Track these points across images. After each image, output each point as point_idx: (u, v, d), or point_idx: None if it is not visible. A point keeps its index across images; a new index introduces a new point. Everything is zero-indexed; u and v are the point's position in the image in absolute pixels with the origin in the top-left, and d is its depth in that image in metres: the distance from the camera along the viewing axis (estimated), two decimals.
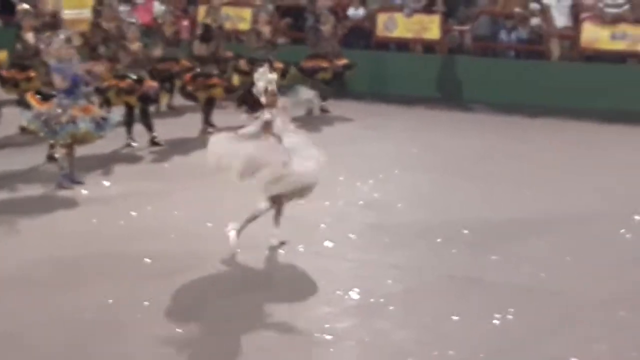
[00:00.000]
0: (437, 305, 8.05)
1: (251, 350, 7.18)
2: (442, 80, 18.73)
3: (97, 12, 17.04)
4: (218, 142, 9.28)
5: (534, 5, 18.17)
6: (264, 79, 9.32)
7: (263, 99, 9.26)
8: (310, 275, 8.72)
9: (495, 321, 7.63)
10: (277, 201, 9.30)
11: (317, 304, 8.02)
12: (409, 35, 19.15)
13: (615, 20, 17.19)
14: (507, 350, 7.23)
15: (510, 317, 7.71)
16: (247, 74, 15.98)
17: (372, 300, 8.11)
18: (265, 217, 9.29)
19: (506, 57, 18.92)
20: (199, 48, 15.05)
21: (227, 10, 19.90)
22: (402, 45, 19.46)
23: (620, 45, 17.28)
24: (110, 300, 8.02)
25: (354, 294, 8.23)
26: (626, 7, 17.29)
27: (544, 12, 17.97)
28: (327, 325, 7.53)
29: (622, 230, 9.98)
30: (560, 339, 7.38)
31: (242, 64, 16.02)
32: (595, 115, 16.21)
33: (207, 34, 15.17)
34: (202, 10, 19.12)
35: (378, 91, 18.60)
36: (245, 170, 9.02)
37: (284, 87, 16.91)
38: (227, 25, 18.75)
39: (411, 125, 15.93)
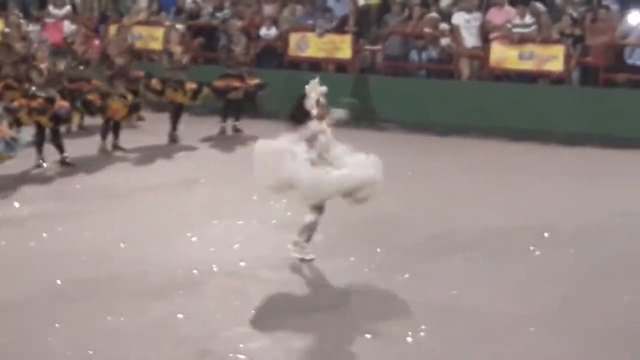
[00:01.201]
0: (348, 324, 8.07)
1: None
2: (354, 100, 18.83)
3: (4, 34, 16.81)
4: (265, 150, 9.55)
5: (444, 26, 18.40)
6: (316, 91, 9.61)
7: (314, 111, 9.54)
8: (223, 296, 8.69)
9: (408, 339, 7.68)
10: (320, 209, 9.52)
11: (230, 324, 7.99)
12: (321, 55, 19.26)
13: (523, 40, 17.51)
14: None
15: (422, 334, 7.76)
16: (160, 93, 16.02)
17: (287, 319, 8.11)
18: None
19: (417, 76, 19.13)
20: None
21: (138, 30, 19.83)
22: (314, 64, 19.55)
23: (528, 65, 17.60)
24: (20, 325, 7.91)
25: (268, 314, 8.22)
26: (533, 27, 17.63)
27: (454, 32, 18.22)
28: (241, 345, 7.51)
29: (532, 247, 10.13)
30: (473, 355, 7.46)
31: (154, 83, 15.96)
32: (504, 134, 16.47)
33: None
34: (112, 30, 19.00)
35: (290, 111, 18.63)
36: (280, 187, 9.48)
37: (196, 107, 17.11)
38: (139, 45, 18.68)
39: None
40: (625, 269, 9.54)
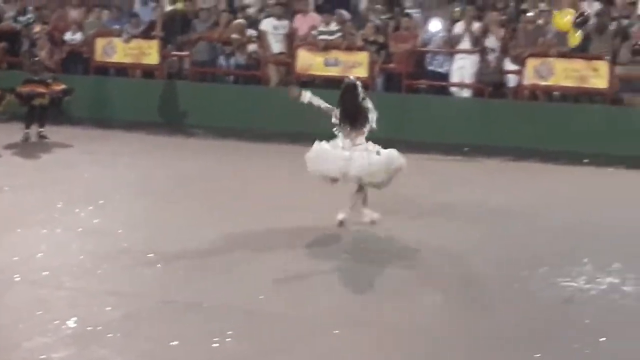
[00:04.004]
0: (156, 331, 8.02)
1: None
2: (162, 106, 18.79)
3: None
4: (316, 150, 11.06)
5: (251, 32, 18.55)
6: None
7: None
8: (26, 305, 8.50)
9: (214, 344, 7.68)
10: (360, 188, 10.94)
11: (32, 334, 7.82)
12: (127, 60, 19.13)
13: (328, 47, 17.82)
14: None
15: (229, 340, 7.78)
16: None
17: (89, 328, 7.97)
18: None
19: (225, 82, 19.22)
20: None
21: None
22: (122, 70, 19.37)
23: (333, 71, 17.93)
24: None
25: (71, 323, 8.07)
26: (338, 34, 17.97)
27: (261, 38, 18.38)
28: (42, 356, 7.36)
29: (342, 252, 10.29)
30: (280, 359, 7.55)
31: None
32: (311, 139, 16.65)
33: None
34: None
35: (98, 116, 18.45)
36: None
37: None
38: None
39: (132, 150, 15.88)
40: (432, 274, 9.84)
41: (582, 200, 12.87)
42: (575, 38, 15.80)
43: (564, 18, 15.67)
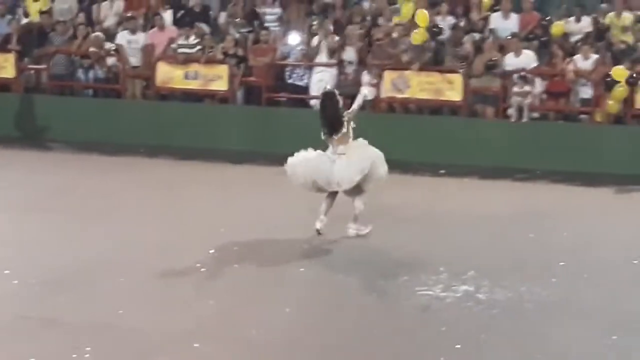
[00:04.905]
0: (13, 348, 7.92)
1: None
2: (19, 120, 18.48)
3: None
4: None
5: (110, 45, 18.39)
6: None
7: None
8: None
9: None
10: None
11: None
12: None
13: (188, 60, 17.82)
14: None
15: (87, 355, 7.73)
16: None
17: None
18: None
19: (84, 95, 19.02)
20: None
21: None
22: None
23: (193, 85, 17.95)
24: None
25: None
26: (198, 48, 17.97)
27: (119, 52, 18.24)
28: None
29: (198, 264, 10.30)
30: None
31: None
32: (173, 152, 16.69)
33: None
34: None
35: None
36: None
37: None
38: None
39: None
40: (285, 280, 9.94)
41: (438, 210, 13.17)
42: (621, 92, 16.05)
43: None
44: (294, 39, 17.86)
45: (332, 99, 11.43)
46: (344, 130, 11.36)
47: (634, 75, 15.82)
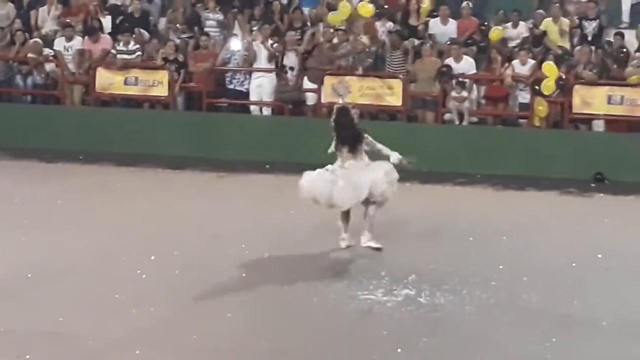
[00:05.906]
0: None
1: None
2: None
3: None
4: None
5: (48, 51, 18.25)
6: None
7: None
8: None
9: None
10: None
11: None
12: None
13: (128, 66, 17.74)
14: None
15: None
16: None
17: None
18: None
19: (22, 102, 18.84)
20: None
21: None
22: None
23: (133, 90, 17.87)
24: None
25: None
26: (138, 53, 17.91)
27: (58, 58, 18.10)
28: None
29: (139, 271, 10.26)
30: None
31: None
32: (112, 158, 16.59)
33: None
34: None
35: None
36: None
37: None
38: None
39: None
40: (227, 286, 9.94)
41: (379, 217, 13.22)
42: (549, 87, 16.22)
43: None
44: (235, 44, 17.84)
45: (347, 115, 11.30)
46: (361, 147, 11.24)
47: (563, 78, 16.06)
